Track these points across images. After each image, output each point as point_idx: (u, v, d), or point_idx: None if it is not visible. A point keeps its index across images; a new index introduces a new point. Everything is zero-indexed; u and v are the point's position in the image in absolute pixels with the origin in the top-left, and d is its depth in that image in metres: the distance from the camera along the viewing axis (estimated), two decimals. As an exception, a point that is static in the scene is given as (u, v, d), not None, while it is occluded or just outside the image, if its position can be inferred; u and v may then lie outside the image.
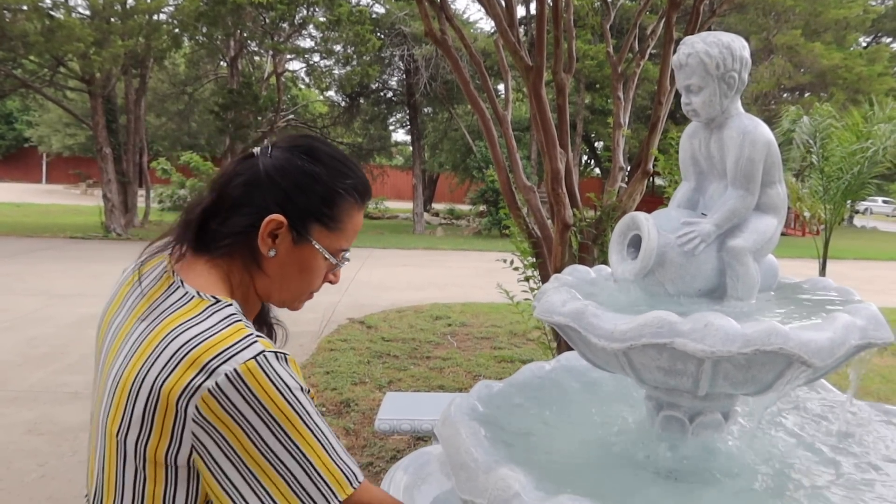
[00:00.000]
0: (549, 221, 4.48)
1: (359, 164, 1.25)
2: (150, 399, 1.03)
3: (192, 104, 24.67)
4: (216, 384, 1.00)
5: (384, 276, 11.58)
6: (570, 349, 1.90)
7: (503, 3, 4.37)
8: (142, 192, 19.33)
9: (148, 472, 1.09)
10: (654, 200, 4.79)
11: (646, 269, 1.48)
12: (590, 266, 1.87)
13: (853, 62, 21.35)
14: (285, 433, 1.04)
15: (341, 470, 1.08)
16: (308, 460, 1.05)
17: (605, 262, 4.14)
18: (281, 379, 1.04)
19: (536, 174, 19.36)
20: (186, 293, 1.10)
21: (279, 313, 1.39)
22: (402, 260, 14.14)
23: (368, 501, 1.11)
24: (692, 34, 4.15)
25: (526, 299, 4.52)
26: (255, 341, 1.06)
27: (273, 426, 1.03)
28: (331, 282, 1.26)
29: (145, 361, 1.04)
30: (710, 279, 1.51)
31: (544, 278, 4.49)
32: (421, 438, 4.17)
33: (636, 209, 4.32)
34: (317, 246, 1.17)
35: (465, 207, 25.78)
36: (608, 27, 5.25)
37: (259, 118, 18.88)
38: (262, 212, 1.13)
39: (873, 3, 24.88)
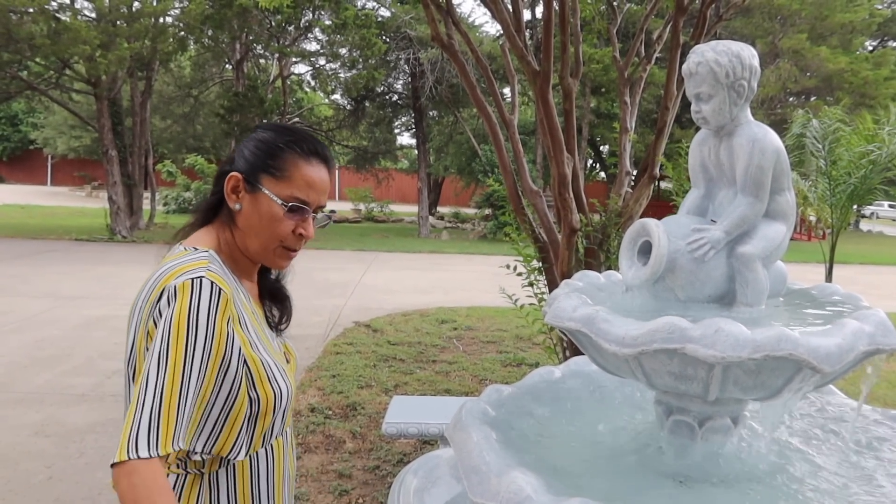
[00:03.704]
0: (555, 226, 4.48)
1: (310, 133, 1.44)
2: (138, 322, 1.26)
3: (197, 107, 24.78)
4: (164, 297, 1.23)
5: (389, 280, 11.60)
6: (577, 354, 1.92)
7: (510, 8, 4.38)
8: (147, 194, 19.37)
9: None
10: (661, 205, 4.78)
11: (656, 276, 1.49)
12: (596, 271, 1.88)
13: (859, 66, 21.32)
14: (167, 355, 1.18)
15: (176, 428, 1.16)
16: (161, 394, 1.15)
17: (611, 266, 4.16)
18: (198, 306, 1.22)
19: (542, 178, 19.35)
20: (177, 247, 1.38)
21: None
22: (408, 263, 14.15)
23: (153, 470, 1.13)
24: (698, 39, 4.18)
25: (531, 304, 4.52)
26: (203, 269, 1.27)
27: (164, 343, 1.18)
28: (302, 235, 1.41)
29: (138, 294, 1.30)
30: (719, 285, 1.52)
31: (551, 283, 4.49)
32: (427, 442, 4.18)
33: (643, 214, 4.33)
34: (265, 191, 1.36)
35: (470, 211, 25.78)
36: (615, 32, 5.25)
37: (264, 121, 18.92)
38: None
39: (879, 7, 24.84)
